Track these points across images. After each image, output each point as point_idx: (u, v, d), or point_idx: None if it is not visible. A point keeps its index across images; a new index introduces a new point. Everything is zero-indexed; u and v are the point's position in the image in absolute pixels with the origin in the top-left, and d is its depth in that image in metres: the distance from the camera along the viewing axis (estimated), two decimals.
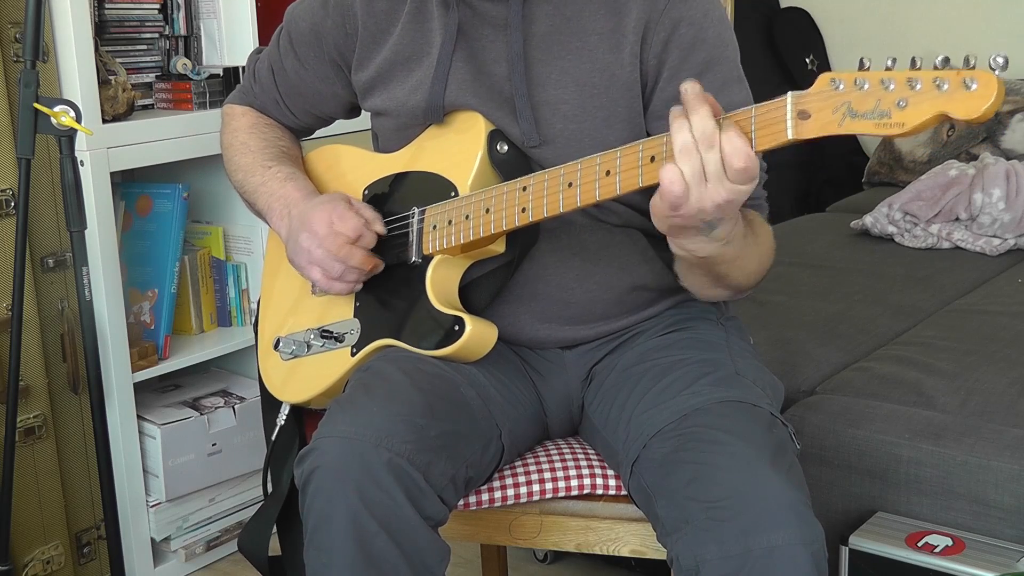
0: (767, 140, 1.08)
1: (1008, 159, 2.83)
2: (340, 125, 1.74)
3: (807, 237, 2.82)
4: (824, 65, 3.60)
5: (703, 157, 1.10)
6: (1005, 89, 0.99)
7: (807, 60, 3.56)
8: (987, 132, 3.05)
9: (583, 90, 1.37)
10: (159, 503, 2.24)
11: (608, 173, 1.20)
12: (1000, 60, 0.96)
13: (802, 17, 3.65)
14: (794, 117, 1.06)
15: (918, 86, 0.99)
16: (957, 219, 2.68)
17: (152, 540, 2.25)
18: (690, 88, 1.12)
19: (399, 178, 1.47)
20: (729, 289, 1.35)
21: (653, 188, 1.17)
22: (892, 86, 1.00)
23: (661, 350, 1.42)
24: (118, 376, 2.11)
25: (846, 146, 3.48)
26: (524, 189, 1.28)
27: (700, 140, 1.10)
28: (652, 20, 1.35)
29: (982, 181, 2.66)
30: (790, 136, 1.06)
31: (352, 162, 1.55)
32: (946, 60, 0.99)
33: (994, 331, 2.09)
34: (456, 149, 1.40)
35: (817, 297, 2.33)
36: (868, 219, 2.77)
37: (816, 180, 3.48)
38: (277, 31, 1.61)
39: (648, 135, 1.34)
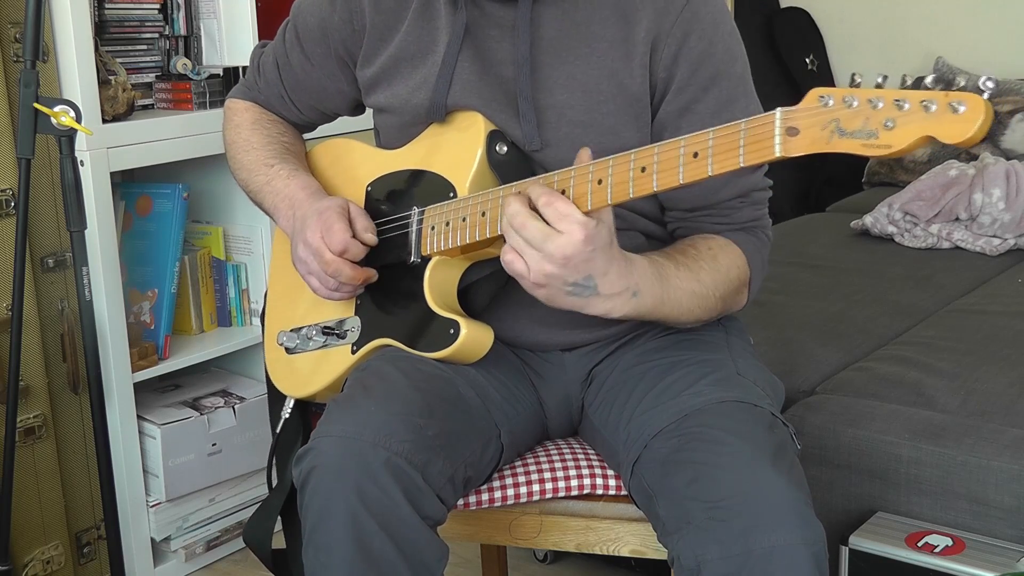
0: (755, 156, 1.07)
1: (1008, 159, 2.82)
2: (342, 124, 1.74)
3: (807, 237, 2.81)
4: (824, 65, 3.60)
5: (528, 225, 1.19)
6: (993, 111, 0.97)
7: (807, 60, 3.56)
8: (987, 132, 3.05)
9: (590, 95, 1.36)
10: (159, 503, 2.24)
11: (600, 182, 1.19)
12: (990, 84, 0.95)
13: (802, 17, 3.64)
14: (782, 133, 1.05)
15: (906, 106, 0.97)
16: (957, 219, 2.68)
17: (152, 540, 2.25)
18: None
19: (402, 176, 1.47)
20: (694, 319, 1.36)
21: (646, 198, 1.19)
22: (880, 105, 0.99)
23: (661, 351, 1.42)
24: (118, 376, 2.11)
25: None
26: (518, 194, 1.28)
27: (512, 221, 1.20)
28: (663, 32, 1.34)
29: (982, 181, 2.66)
30: (778, 153, 1.05)
31: (357, 158, 1.55)
32: (936, 80, 0.99)
33: (994, 331, 2.09)
34: (456, 149, 1.40)
35: (817, 297, 2.33)
36: (868, 219, 2.77)
37: (816, 180, 3.48)
38: (283, 25, 1.60)
39: None
